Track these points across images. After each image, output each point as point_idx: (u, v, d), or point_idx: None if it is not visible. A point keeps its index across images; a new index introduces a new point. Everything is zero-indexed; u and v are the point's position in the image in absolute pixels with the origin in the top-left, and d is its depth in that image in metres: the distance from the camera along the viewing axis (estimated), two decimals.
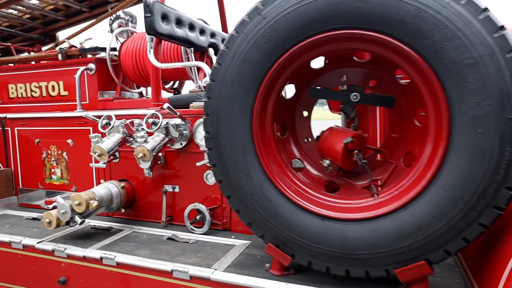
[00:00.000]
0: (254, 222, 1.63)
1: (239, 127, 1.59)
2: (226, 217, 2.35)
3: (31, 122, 3.00)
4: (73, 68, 3.34)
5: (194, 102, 2.38)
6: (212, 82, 1.62)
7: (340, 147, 1.55)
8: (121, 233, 2.35)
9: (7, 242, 2.30)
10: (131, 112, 2.60)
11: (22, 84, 3.55)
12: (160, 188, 2.51)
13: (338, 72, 1.74)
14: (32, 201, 3.07)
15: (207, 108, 1.64)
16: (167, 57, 3.04)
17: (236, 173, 1.61)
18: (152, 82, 2.63)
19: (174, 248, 2.09)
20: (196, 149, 2.36)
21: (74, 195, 2.13)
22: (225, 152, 1.62)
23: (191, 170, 2.40)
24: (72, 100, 3.37)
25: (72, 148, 2.82)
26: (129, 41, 3.28)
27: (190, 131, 2.33)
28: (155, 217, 2.55)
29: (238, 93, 1.56)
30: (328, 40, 1.43)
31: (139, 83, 3.35)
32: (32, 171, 3.01)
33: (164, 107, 2.03)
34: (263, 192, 1.59)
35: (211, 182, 2.35)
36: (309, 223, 1.52)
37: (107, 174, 2.69)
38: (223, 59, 1.58)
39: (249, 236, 2.25)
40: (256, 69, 1.52)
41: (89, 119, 2.74)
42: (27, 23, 4.24)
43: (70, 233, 2.37)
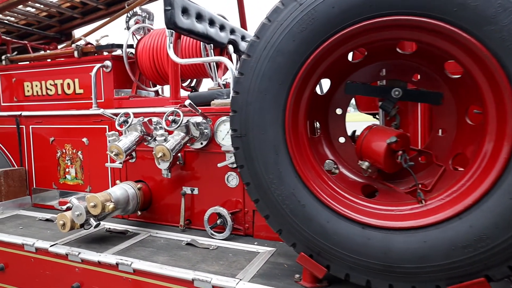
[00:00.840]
0: (285, 229, 1.49)
1: (270, 125, 1.45)
2: (248, 221, 2.21)
3: (46, 120, 2.92)
4: (89, 65, 3.26)
5: (215, 99, 2.26)
6: (240, 76, 1.48)
7: (382, 147, 1.40)
8: (137, 237, 2.23)
9: (20, 245, 2.20)
10: (148, 110, 2.48)
11: (37, 82, 3.50)
12: (178, 190, 2.39)
13: (377, 65, 1.59)
14: (45, 202, 2.99)
15: (235, 104, 1.51)
16: (185, 53, 2.93)
17: (266, 175, 1.47)
18: (170, 79, 2.52)
19: (194, 255, 1.96)
20: (217, 149, 2.23)
21: (89, 197, 2.02)
22: (254, 152, 1.49)
23: (211, 171, 2.27)
24: (87, 98, 3.29)
25: (87, 147, 2.73)
26: (146, 38, 3.18)
27: (211, 130, 2.20)
28: (172, 221, 2.43)
29: (269, 87, 1.43)
30: (373, 29, 1.29)
31: (155, 81, 3.25)
32: (46, 170, 2.93)
33: (185, 103, 1.91)
34: (296, 196, 1.44)
35: (232, 184, 2.21)
36: (348, 232, 1.37)
37: (122, 175, 2.58)
38: (253, 50, 1.44)
39: (273, 242, 2.10)
40: (290, 60, 1.39)
41: (105, 117, 2.65)
42: (44, 21, 4.20)
43: (84, 236, 2.26)
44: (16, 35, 4.40)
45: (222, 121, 2.17)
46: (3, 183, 2.78)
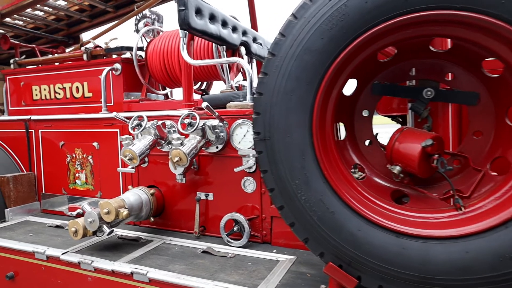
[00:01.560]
0: (313, 237, 1.40)
1: (296, 127, 1.37)
2: (266, 228, 2.13)
3: (56, 124, 2.87)
4: (98, 68, 3.22)
5: (231, 102, 2.18)
6: (264, 76, 1.41)
7: (416, 151, 1.32)
8: (151, 245, 2.15)
9: (30, 252, 2.13)
10: (160, 114, 2.41)
11: (46, 86, 3.45)
12: (191, 196, 2.31)
13: (407, 64, 1.51)
14: (54, 207, 2.93)
15: (258, 105, 1.44)
16: (197, 55, 2.87)
17: (292, 180, 1.39)
18: (183, 82, 2.45)
19: (211, 263, 1.88)
20: (232, 153, 2.15)
21: (102, 203, 1.95)
22: (279, 156, 1.41)
23: (226, 176, 2.19)
24: (96, 102, 3.24)
25: (98, 151, 2.67)
26: (157, 40, 3.13)
27: (226, 133, 2.13)
28: (186, 227, 2.35)
29: (296, 87, 1.35)
30: (408, 25, 1.21)
31: (166, 83, 3.19)
32: (56, 175, 2.87)
33: (202, 106, 1.84)
34: (324, 203, 1.36)
35: (249, 190, 2.13)
36: (381, 240, 1.29)
37: (134, 180, 2.51)
38: (278, 49, 1.37)
39: (292, 250, 2.02)
40: (318, 59, 1.31)
41: (116, 121, 2.59)
42: (52, 24, 4.17)
43: (96, 244, 2.19)
44: (24, 39, 4.38)
45: (238, 124, 2.10)
46: (12, 188, 2.72)
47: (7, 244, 2.22)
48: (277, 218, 2.09)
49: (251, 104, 2.11)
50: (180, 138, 1.90)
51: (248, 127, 2.08)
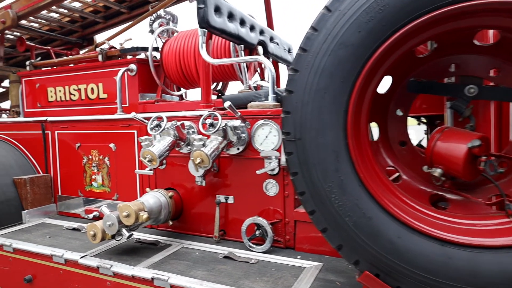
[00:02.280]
0: (347, 244, 1.32)
1: (329, 127, 1.29)
2: (289, 233, 2.04)
3: (72, 125, 2.84)
4: (113, 69, 3.18)
5: (252, 101, 2.11)
6: (295, 73, 1.33)
7: (462, 152, 1.22)
8: (170, 249, 2.09)
9: (48, 255, 2.09)
10: (178, 114, 2.35)
11: (61, 87, 3.44)
12: (211, 198, 2.25)
13: (447, 60, 1.41)
14: (70, 210, 2.89)
15: (288, 104, 1.36)
16: (215, 54, 2.81)
17: (325, 183, 1.31)
18: (202, 81, 2.39)
19: (234, 269, 1.81)
20: (254, 155, 2.08)
21: (122, 206, 1.90)
22: (311, 158, 1.33)
23: (247, 179, 2.12)
24: (111, 103, 3.21)
25: (115, 153, 2.62)
26: (172, 40, 3.08)
27: (248, 134, 2.05)
28: (205, 231, 2.29)
29: (330, 85, 1.27)
30: (453, 16, 1.12)
31: (181, 84, 3.14)
32: (72, 177, 2.83)
33: (225, 105, 1.77)
34: (360, 207, 1.28)
35: (271, 193, 2.06)
36: (423, 249, 1.20)
37: (152, 182, 2.46)
38: (310, 44, 1.29)
39: (317, 256, 1.93)
40: (355, 54, 1.23)
41: (133, 122, 2.54)
42: (66, 26, 4.17)
43: (114, 247, 2.13)
44: (39, 41, 4.39)
45: (260, 124, 2.03)
46: (29, 190, 2.69)
47: (25, 247, 2.19)
48: (301, 223, 2.01)
49: (273, 104, 2.03)
50: (202, 139, 1.83)
51: (271, 127, 2.01)
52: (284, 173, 2.02)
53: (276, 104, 2.03)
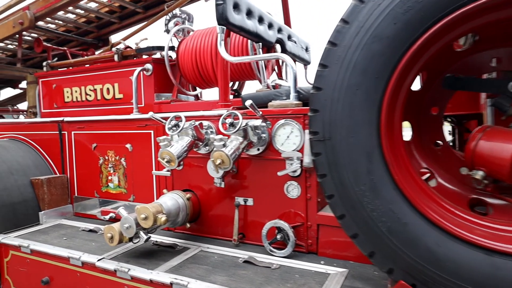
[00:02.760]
0: (380, 251, 1.23)
1: (361, 126, 1.21)
2: (311, 237, 1.96)
3: (89, 125, 2.82)
4: (128, 69, 3.16)
5: (273, 100, 2.04)
6: (323, 69, 1.26)
7: (509, 153, 1.12)
8: (188, 252, 2.03)
9: (66, 258, 2.06)
10: (196, 114, 2.30)
11: (77, 88, 3.44)
12: (229, 200, 2.18)
13: (488, 54, 1.31)
14: (86, 210, 2.87)
15: (316, 102, 1.29)
16: (232, 52, 2.75)
17: (357, 186, 1.23)
18: (220, 80, 2.33)
19: (255, 275, 1.74)
20: (274, 156, 2.01)
21: (139, 208, 1.85)
22: (341, 159, 1.25)
23: (268, 180, 2.05)
24: (127, 103, 3.18)
25: (131, 153, 2.59)
26: (188, 39, 3.04)
27: (268, 134, 1.98)
28: (223, 234, 2.22)
29: (362, 81, 1.19)
30: (500, 5, 1.03)
31: (197, 84, 3.09)
32: (88, 178, 2.81)
33: (246, 104, 1.70)
34: (395, 212, 1.19)
35: (293, 195, 1.98)
36: (466, 258, 1.10)
37: (169, 183, 2.41)
38: (341, 37, 1.22)
39: (342, 262, 1.85)
40: (390, 48, 1.15)
41: (150, 122, 2.50)
42: (82, 27, 4.18)
43: (131, 250, 2.09)
44: (56, 42, 4.42)
45: (281, 124, 1.95)
46: (46, 191, 2.68)
47: (43, 248, 2.17)
48: (324, 227, 1.93)
49: (295, 102, 1.96)
50: (223, 139, 1.77)
51: (292, 127, 1.94)
52: (307, 175, 1.94)
53: (298, 103, 1.96)
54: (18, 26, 3.63)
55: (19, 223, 2.57)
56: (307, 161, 1.86)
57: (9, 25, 3.71)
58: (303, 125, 1.91)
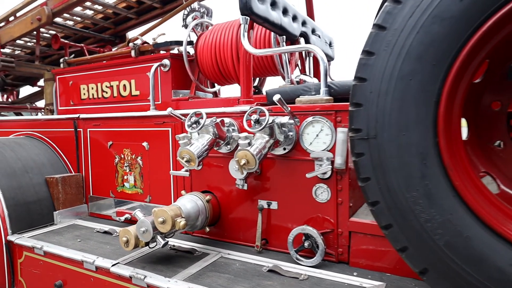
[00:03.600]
0: (435, 269, 1.06)
1: (415, 123, 1.04)
2: (342, 245, 1.79)
3: (104, 123, 2.72)
4: (145, 65, 3.06)
5: (301, 96, 1.88)
6: (369, 56, 1.09)
7: None
8: (208, 259, 1.89)
9: (79, 261, 1.95)
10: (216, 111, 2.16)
11: (93, 85, 3.36)
12: (251, 203, 2.04)
13: None
14: (101, 211, 2.78)
15: (359, 95, 1.12)
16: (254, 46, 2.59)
17: (408, 192, 1.06)
18: (242, 75, 2.19)
19: (282, 286, 1.58)
20: (302, 156, 1.85)
21: (157, 210, 1.72)
22: (389, 161, 1.08)
23: (294, 183, 1.89)
24: (144, 100, 3.08)
25: (148, 152, 2.47)
26: (208, 33, 2.91)
27: (296, 132, 1.83)
28: (244, 239, 2.08)
29: (417, 70, 1.02)
30: None
31: (216, 80, 2.95)
32: (104, 177, 2.72)
33: (274, 99, 1.55)
34: (454, 223, 1.01)
35: (322, 199, 1.81)
36: None
37: (187, 184, 2.28)
38: (391, 19, 1.05)
39: (377, 274, 1.67)
40: (453, 30, 0.97)
41: (167, 119, 2.38)
42: (99, 23, 4.12)
43: (147, 254, 1.97)
44: (73, 39, 4.38)
45: (310, 122, 1.79)
46: (61, 190, 2.60)
47: (56, 250, 2.07)
48: (357, 234, 1.75)
49: (326, 98, 1.79)
50: (248, 137, 1.62)
51: (322, 125, 1.77)
52: (338, 177, 1.77)
53: (329, 99, 1.79)
54: (36, 22, 3.59)
55: (34, 223, 2.49)
56: (339, 162, 1.69)
57: (27, 22, 3.68)
58: (334, 122, 1.75)
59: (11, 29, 3.83)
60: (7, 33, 3.86)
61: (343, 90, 1.81)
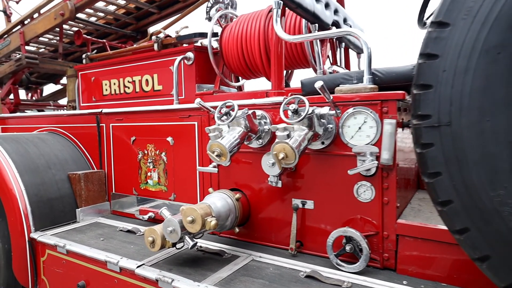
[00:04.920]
0: None
1: (504, 106, 0.86)
2: (388, 250, 1.61)
3: (127, 117, 2.63)
4: (168, 59, 2.96)
5: (341, 85, 1.72)
6: (442, 28, 0.92)
7: None
8: (238, 261, 1.75)
9: (103, 261, 1.85)
10: (246, 102, 2.02)
11: (115, 80, 3.29)
12: (282, 202, 1.88)
13: None
14: (124, 209, 2.69)
15: (427, 74, 0.95)
16: None
17: (493, 190, 0.88)
18: (273, 65, 2.03)
19: None
20: (341, 151, 1.68)
21: (186, 209, 1.59)
22: (468, 152, 0.90)
23: (333, 180, 1.72)
24: (166, 95, 2.99)
25: (172, 147, 2.35)
26: (233, 25, 2.78)
27: (336, 125, 1.66)
28: (276, 241, 1.93)
29: (508, 40, 0.84)
30: None
31: (242, 73, 2.82)
32: (126, 174, 2.62)
33: (316, 86, 1.39)
34: None
35: (364, 198, 1.64)
36: None
37: (214, 181, 2.15)
38: None
39: (430, 283, 1.49)
40: None
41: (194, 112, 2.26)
42: (121, 18, 4.06)
43: (174, 256, 1.84)
44: (95, 36, 4.35)
45: (352, 113, 1.62)
46: (83, 187, 2.52)
47: (79, 249, 1.98)
48: (405, 238, 1.57)
49: (370, 86, 1.62)
50: (287, 128, 1.46)
51: (366, 117, 1.60)
52: (383, 174, 1.59)
53: (374, 87, 1.62)
54: (59, 17, 3.55)
55: (56, 220, 2.42)
56: (387, 158, 1.52)
57: (51, 17, 3.65)
58: (380, 113, 1.57)
59: (35, 25, 3.82)
60: (31, 29, 3.86)
61: (390, 77, 1.63)
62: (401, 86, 1.64)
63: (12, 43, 4.08)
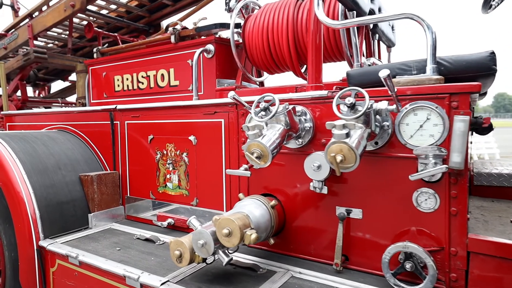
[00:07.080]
0: None
1: None
2: (455, 269, 1.38)
3: (145, 114, 2.41)
4: (186, 52, 2.76)
5: (397, 76, 1.49)
6: None
7: None
8: (276, 279, 1.53)
9: (121, 276, 1.64)
10: (282, 97, 1.79)
11: (128, 75, 3.09)
12: (323, 211, 1.66)
13: None
14: (139, 214, 2.47)
15: None
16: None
17: None
18: (310, 56, 1.81)
19: None
20: (399, 152, 1.45)
21: (220, 220, 1.37)
22: None
23: (386, 186, 1.49)
24: (184, 91, 2.78)
25: (195, 147, 2.13)
26: (257, 15, 2.55)
27: (392, 123, 1.43)
28: (316, 254, 1.70)
29: None
30: None
31: (267, 68, 2.60)
32: (143, 176, 2.41)
33: (380, 75, 1.16)
34: None
35: (426, 208, 1.41)
36: None
37: (243, 186, 1.93)
38: None
39: None
40: None
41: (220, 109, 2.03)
42: (133, 11, 3.87)
43: (200, 270, 1.63)
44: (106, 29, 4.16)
45: (411, 109, 1.39)
46: (96, 190, 2.31)
47: (93, 261, 1.77)
48: (478, 256, 1.33)
49: (435, 77, 1.39)
50: (347, 126, 1.23)
51: (429, 113, 1.37)
52: (451, 180, 1.36)
53: (439, 78, 1.39)
54: (70, 9, 3.36)
55: (67, 226, 2.21)
56: (458, 161, 1.29)
57: (61, 9, 3.46)
58: (448, 109, 1.34)
59: (44, 18, 3.63)
60: (39, 22, 3.67)
61: (459, 67, 1.40)
62: (468, 78, 1.41)
63: (19, 37, 3.90)
